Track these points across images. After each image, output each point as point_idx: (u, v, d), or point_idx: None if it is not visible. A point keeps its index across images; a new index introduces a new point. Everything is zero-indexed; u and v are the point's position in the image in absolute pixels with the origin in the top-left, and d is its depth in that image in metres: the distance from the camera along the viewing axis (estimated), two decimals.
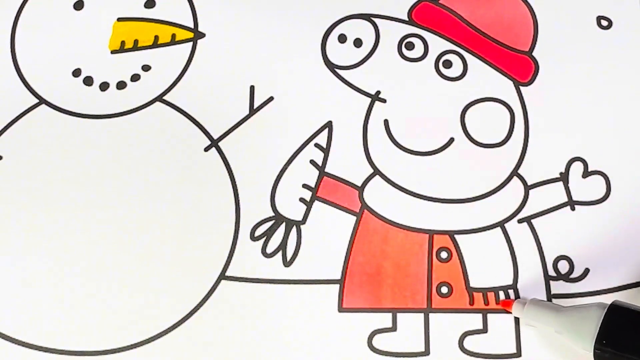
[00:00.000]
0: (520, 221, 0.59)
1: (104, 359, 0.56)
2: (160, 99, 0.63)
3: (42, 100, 0.63)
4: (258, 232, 0.59)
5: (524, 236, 0.59)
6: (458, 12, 0.65)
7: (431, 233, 0.59)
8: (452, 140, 0.61)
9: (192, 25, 0.65)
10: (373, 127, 0.62)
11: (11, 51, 0.64)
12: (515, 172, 0.61)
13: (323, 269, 0.58)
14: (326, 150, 0.61)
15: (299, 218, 0.59)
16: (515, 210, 0.60)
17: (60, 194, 0.60)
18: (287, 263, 0.58)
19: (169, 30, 0.64)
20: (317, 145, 0.61)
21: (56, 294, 0.57)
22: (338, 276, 0.58)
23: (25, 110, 0.62)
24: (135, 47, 0.64)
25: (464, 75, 0.63)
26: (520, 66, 0.63)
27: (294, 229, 0.59)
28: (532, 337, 0.56)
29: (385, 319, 0.57)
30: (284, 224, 0.59)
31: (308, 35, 0.64)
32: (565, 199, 0.60)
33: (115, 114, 0.62)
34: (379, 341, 0.56)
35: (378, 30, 0.64)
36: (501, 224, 0.59)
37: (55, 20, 0.65)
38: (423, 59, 0.63)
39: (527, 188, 0.60)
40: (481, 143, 0.61)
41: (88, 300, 0.57)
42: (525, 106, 0.62)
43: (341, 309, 0.57)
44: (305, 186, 0.60)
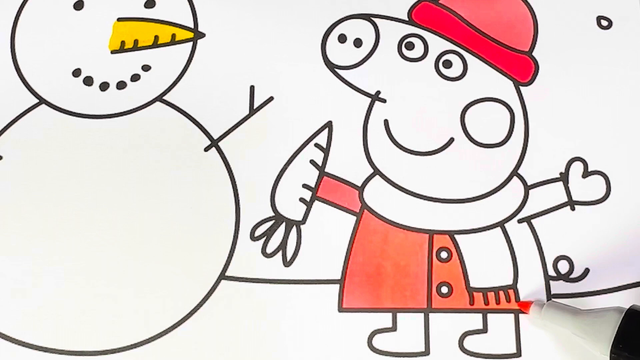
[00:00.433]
0: (520, 221, 0.59)
1: (104, 359, 0.56)
2: (160, 99, 0.63)
3: (42, 100, 0.63)
4: (258, 232, 0.59)
5: (524, 236, 0.59)
6: (458, 12, 0.65)
7: (431, 233, 0.59)
8: (452, 140, 0.61)
9: (192, 25, 0.65)
10: (373, 127, 0.62)
11: (11, 51, 0.64)
12: (515, 172, 0.61)
13: (323, 269, 0.58)
14: (326, 150, 0.61)
15: (299, 218, 0.59)
16: (515, 210, 0.60)
17: (60, 194, 0.60)
18: (287, 263, 0.58)
19: (169, 30, 0.64)
20: (317, 145, 0.61)
21: (56, 294, 0.57)
22: (338, 276, 0.58)
23: (25, 110, 0.62)
24: (135, 47, 0.64)
25: (464, 75, 0.63)
26: (520, 66, 0.63)
27: (294, 229, 0.59)
28: (532, 337, 0.56)
29: (385, 319, 0.57)
30: (284, 224, 0.59)
31: (308, 35, 0.64)
32: (565, 199, 0.60)
33: (115, 114, 0.62)
34: (379, 341, 0.56)
35: (378, 30, 0.64)
36: (501, 224, 0.59)
37: (55, 20, 0.65)
38: (423, 59, 0.63)
39: (527, 188, 0.60)
40: (481, 143, 0.61)
41: (88, 300, 0.57)
42: (525, 106, 0.62)
43: (341, 309, 0.57)
44: (305, 186, 0.60)
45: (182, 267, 0.58)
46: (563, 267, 0.58)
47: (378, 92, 0.63)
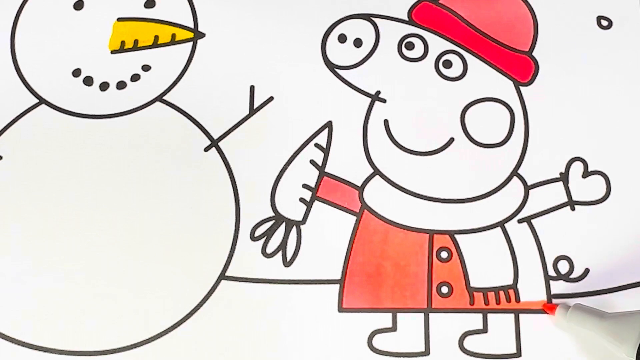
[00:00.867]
0: (520, 221, 0.59)
1: (104, 359, 0.56)
2: (160, 99, 0.63)
3: (42, 100, 0.63)
4: (258, 232, 0.59)
5: (524, 236, 0.59)
6: (458, 12, 0.65)
7: (431, 233, 0.59)
8: (452, 140, 0.61)
9: (192, 25, 0.65)
10: (373, 127, 0.62)
11: (11, 51, 0.64)
12: (515, 172, 0.61)
13: (323, 269, 0.58)
14: (326, 150, 0.61)
15: (299, 218, 0.59)
16: (515, 210, 0.60)
17: (60, 194, 0.60)
18: (287, 263, 0.58)
19: (169, 30, 0.64)
20: (317, 145, 0.61)
21: (56, 294, 0.57)
22: (338, 276, 0.58)
23: (25, 110, 0.62)
24: (135, 47, 0.64)
25: (464, 75, 0.63)
26: (520, 66, 0.63)
27: (294, 229, 0.59)
28: (532, 337, 0.56)
29: (385, 319, 0.57)
30: (284, 224, 0.59)
31: (308, 35, 0.64)
32: (565, 199, 0.60)
33: (115, 114, 0.62)
34: (379, 341, 0.56)
35: (378, 30, 0.64)
36: (501, 224, 0.59)
37: (55, 20, 0.65)
38: (423, 59, 0.63)
39: (527, 188, 0.60)
40: (481, 143, 0.61)
41: (88, 300, 0.57)
42: (525, 106, 0.62)
43: (341, 309, 0.57)
44: (305, 186, 0.60)
45: (182, 267, 0.58)
46: (563, 267, 0.58)
47: (378, 92, 0.63)
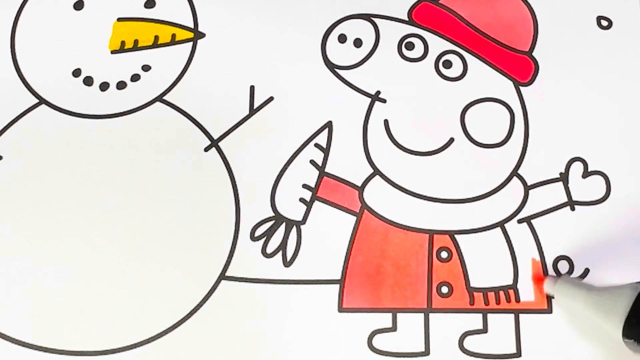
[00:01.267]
0: (520, 221, 0.59)
1: (104, 359, 0.56)
2: (160, 99, 0.63)
3: (42, 100, 0.63)
4: (258, 232, 0.59)
5: (524, 236, 0.59)
6: (458, 12, 0.65)
7: (431, 233, 0.59)
8: (452, 140, 0.61)
9: (192, 25, 0.65)
10: (373, 127, 0.62)
11: (11, 51, 0.64)
12: (515, 172, 0.61)
13: (323, 269, 0.58)
14: (326, 150, 0.61)
15: (299, 218, 0.59)
16: (515, 211, 0.60)
17: (60, 194, 0.60)
18: (287, 263, 0.58)
19: (169, 30, 0.64)
20: (317, 145, 0.61)
21: (56, 294, 0.57)
22: (338, 276, 0.58)
23: (25, 110, 0.62)
24: (135, 47, 0.64)
25: (464, 75, 0.63)
26: (520, 66, 0.63)
27: (294, 229, 0.59)
28: (532, 337, 0.56)
29: (385, 319, 0.57)
30: (284, 224, 0.59)
31: (308, 35, 0.64)
32: (565, 199, 0.60)
33: (115, 114, 0.62)
34: (379, 341, 0.57)
35: (378, 30, 0.64)
36: (501, 224, 0.59)
37: (55, 20, 0.65)
38: (423, 59, 0.63)
39: (527, 188, 0.60)
40: (481, 143, 0.61)
41: (88, 300, 0.57)
42: (525, 106, 0.62)
43: (341, 309, 0.57)
44: (305, 186, 0.60)
45: (182, 267, 0.58)
46: (563, 267, 0.58)
47: (378, 92, 0.63)
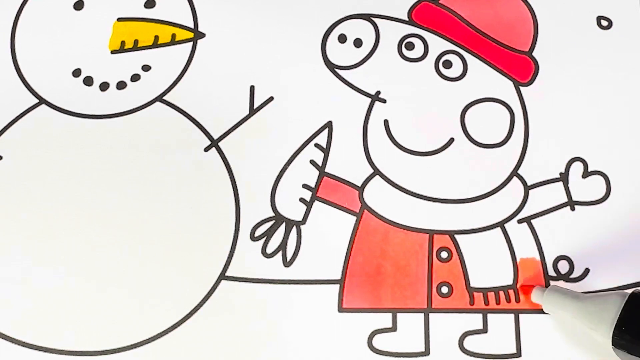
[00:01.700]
0: (520, 221, 0.59)
1: (104, 359, 0.56)
2: (160, 99, 0.63)
3: (42, 100, 0.63)
4: (258, 232, 0.59)
5: (524, 236, 0.59)
6: (458, 12, 0.65)
7: (431, 233, 0.59)
8: (452, 140, 0.61)
9: (192, 25, 0.65)
10: (373, 127, 0.62)
11: (11, 51, 0.64)
12: (515, 172, 0.61)
13: (323, 269, 0.58)
14: (326, 150, 0.61)
15: (299, 218, 0.59)
16: (515, 210, 0.60)
17: (60, 194, 0.60)
18: (287, 263, 0.58)
19: (169, 30, 0.64)
20: (317, 145, 0.61)
21: (56, 294, 0.57)
22: (338, 276, 0.58)
23: (25, 110, 0.62)
24: (135, 47, 0.64)
25: (464, 75, 0.63)
26: (520, 66, 0.63)
27: (294, 229, 0.59)
28: (532, 337, 0.56)
29: (385, 319, 0.57)
30: (284, 224, 0.59)
31: (308, 35, 0.64)
32: (565, 199, 0.60)
33: (115, 114, 0.62)
34: (379, 341, 0.56)
35: (378, 30, 0.64)
36: (501, 224, 0.59)
37: (55, 20, 0.65)
38: (423, 59, 0.63)
39: (527, 188, 0.60)
40: (481, 143, 0.61)
41: (88, 300, 0.57)
42: (525, 106, 0.62)
43: (341, 309, 0.57)
44: (305, 186, 0.60)
45: (182, 267, 0.58)
46: (563, 267, 0.58)
47: (378, 92, 0.63)
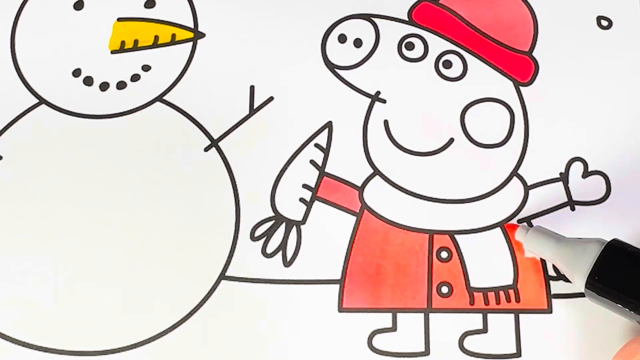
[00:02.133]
0: (520, 221, 0.59)
1: (104, 359, 0.56)
2: (160, 99, 0.63)
3: (42, 100, 0.63)
4: (258, 232, 0.59)
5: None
6: (458, 12, 0.65)
7: (431, 233, 0.59)
8: (452, 140, 0.61)
9: (192, 25, 0.65)
10: (373, 127, 0.62)
11: (11, 51, 0.64)
12: (515, 172, 0.61)
13: (323, 269, 0.58)
14: (326, 150, 0.61)
15: (299, 218, 0.59)
16: (515, 211, 0.60)
17: (60, 194, 0.60)
18: (287, 263, 0.58)
19: (169, 30, 0.64)
20: (317, 145, 0.61)
21: (56, 294, 0.57)
22: (338, 276, 0.58)
23: (25, 110, 0.62)
24: (135, 47, 0.64)
25: (464, 76, 0.63)
26: (520, 66, 0.63)
27: (294, 229, 0.59)
28: (532, 337, 0.56)
29: (385, 319, 0.57)
30: (284, 224, 0.59)
31: (308, 35, 0.64)
32: (565, 199, 0.60)
33: (115, 114, 0.62)
34: (379, 341, 0.56)
35: (378, 30, 0.64)
36: (501, 224, 0.59)
37: (55, 20, 0.65)
38: (423, 59, 0.63)
39: (527, 188, 0.60)
40: (481, 143, 0.61)
41: (88, 300, 0.57)
42: (525, 106, 0.62)
43: (341, 309, 0.57)
44: (305, 186, 0.60)
45: (182, 267, 0.58)
46: None
47: (378, 92, 0.63)
